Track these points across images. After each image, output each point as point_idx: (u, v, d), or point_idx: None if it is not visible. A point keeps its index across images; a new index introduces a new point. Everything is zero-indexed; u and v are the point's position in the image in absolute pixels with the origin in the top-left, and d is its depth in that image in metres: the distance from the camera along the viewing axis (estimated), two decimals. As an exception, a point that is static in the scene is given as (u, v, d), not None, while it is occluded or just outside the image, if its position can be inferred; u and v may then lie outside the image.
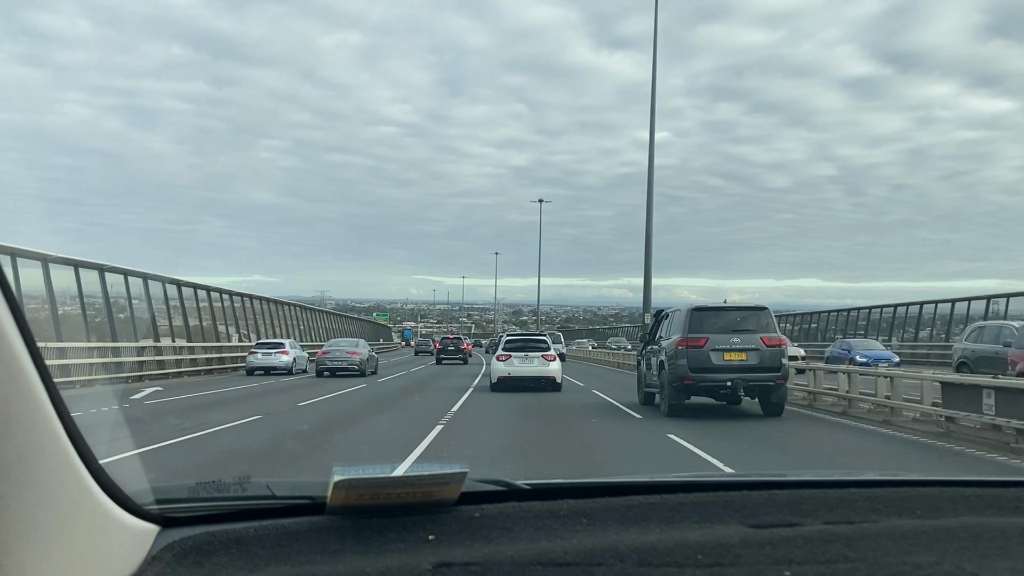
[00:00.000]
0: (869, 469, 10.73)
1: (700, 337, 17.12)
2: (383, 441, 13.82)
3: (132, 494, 1.55)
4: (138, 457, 10.20)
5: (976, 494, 1.85)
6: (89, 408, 12.33)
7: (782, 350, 17.38)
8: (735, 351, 17.04)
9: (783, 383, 17.50)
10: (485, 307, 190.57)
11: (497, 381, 24.66)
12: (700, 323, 17.38)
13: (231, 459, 11.24)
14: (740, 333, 17.26)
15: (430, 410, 18.52)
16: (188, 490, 1.74)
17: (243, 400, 21.71)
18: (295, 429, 14.90)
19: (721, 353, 17.02)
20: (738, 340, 17.14)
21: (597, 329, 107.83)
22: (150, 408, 18.97)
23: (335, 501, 1.56)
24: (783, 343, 17.70)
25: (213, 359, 38.87)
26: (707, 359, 17.00)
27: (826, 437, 14.52)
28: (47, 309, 26.58)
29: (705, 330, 17.26)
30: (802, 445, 13.62)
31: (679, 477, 1.98)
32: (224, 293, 44.53)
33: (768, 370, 17.05)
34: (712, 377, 17.01)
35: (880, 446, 13.31)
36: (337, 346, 36.79)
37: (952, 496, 1.84)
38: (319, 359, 35.52)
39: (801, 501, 1.77)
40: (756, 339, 17.17)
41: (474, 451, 12.22)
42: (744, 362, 17.02)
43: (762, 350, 17.07)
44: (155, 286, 34.46)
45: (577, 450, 12.62)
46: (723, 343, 17.07)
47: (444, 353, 53.80)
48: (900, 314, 48.35)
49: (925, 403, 15.76)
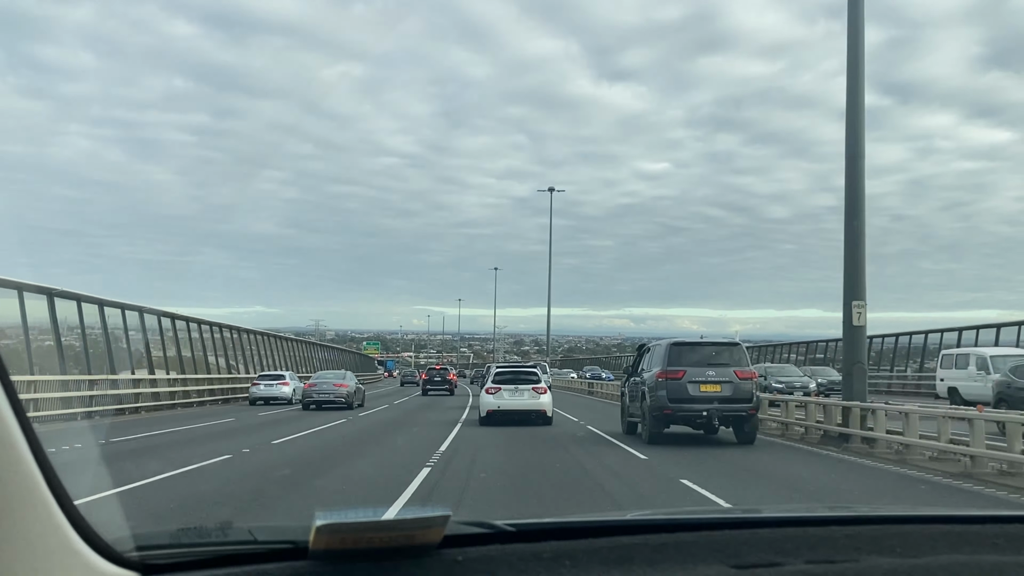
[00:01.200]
0: (850, 503, 10.75)
1: (678, 370, 18.58)
2: (368, 486, 13.49)
3: (111, 541, 1.54)
4: (117, 498, 10.07)
5: (955, 531, 1.87)
6: (63, 445, 12.19)
7: (753, 382, 19.04)
8: (710, 383, 18.47)
9: (755, 413, 19.12)
10: (486, 337, 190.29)
11: (486, 415, 24.22)
12: (678, 357, 18.88)
13: (198, 505, 11.09)
14: (715, 367, 18.73)
15: (420, 446, 18.40)
16: (169, 536, 1.73)
17: (211, 440, 21.48)
18: (271, 476, 14.25)
19: (698, 385, 18.44)
20: (713, 373, 18.59)
21: (601, 359, 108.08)
22: (121, 447, 18.75)
23: (317, 545, 1.56)
24: (754, 376, 19.37)
25: (204, 391, 38.99)
26: (685, 390, 18.39)
27: (786, 459, 16.47)
28: (20, 339, 26.37)
29: (683, 363, 18.75)
30: (768, 469, 15.15)
31: (662, 516, 1.99)
32: (206, 324, 44.31)
33: (741, 401, 18.54)
34: (689, 407, 18.40)
35: (825, 467, 15.46)
36: (324, 378, 36.61)
37: (932, 533, 1.86)
38: (305, 391, 35.47)
39: (783, 540, 1.79)
40: (730, 372, 18.65)
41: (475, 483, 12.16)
42: (719, 393, 18.45)
43: (735, 382, 18.54)
44: (132, 316, 34.28)
45: (568, 483, 12.96)
46: (699, 376, 18.50)
47: (431, 384, 53.79)
48: (901, 343, 48.06)
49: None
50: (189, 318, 41.55)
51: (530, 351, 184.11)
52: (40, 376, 25.43)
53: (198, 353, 41.99)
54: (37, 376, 25.30)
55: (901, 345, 48.14)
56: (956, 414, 16.10)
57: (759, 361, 53.09)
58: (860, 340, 19.89)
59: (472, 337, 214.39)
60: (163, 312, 37.24)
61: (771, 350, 61.47)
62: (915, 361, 45.21)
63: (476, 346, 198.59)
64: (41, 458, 1.38)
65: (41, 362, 26.78)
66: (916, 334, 46.33)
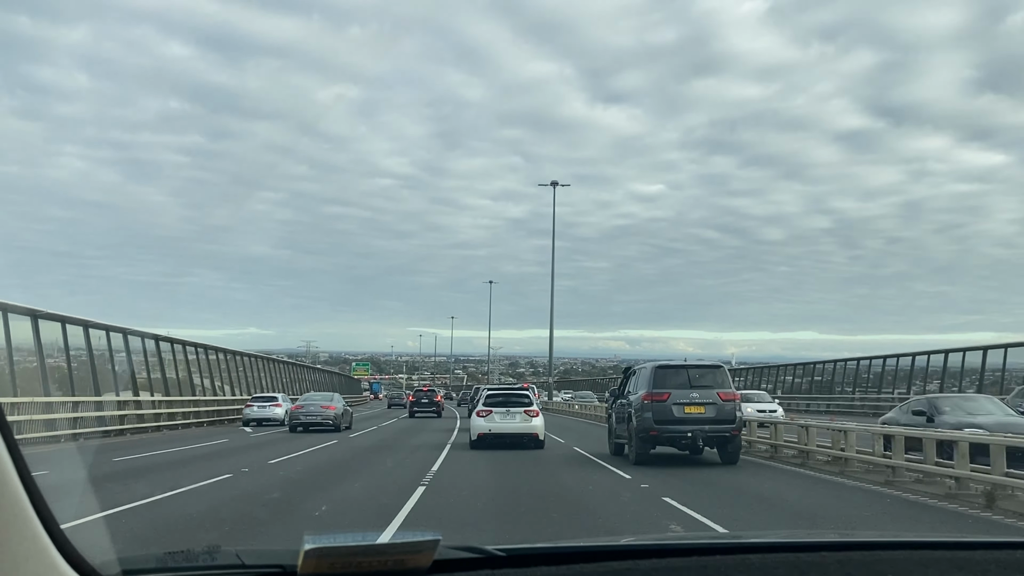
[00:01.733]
0: (837, 528, 10.75)
1: (663, 392, 18.99)
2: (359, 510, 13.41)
3: (98, 565, 1.53)
4: (103, 521, 9.96)
5: (946, 557, 1.87)
6: (45, 468, 12.12)
7: (736, 404, 19.29)
8: (694, 405, 18.87)
9: (737, 434, 19.37)
10: (480, 359, 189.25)
11: (477, 438, 23.74)
12: (663, 379, 19.33)
13: (187, 528, 10.98)
14: (699, 388, 19.12)
15: (411, 468, 18.30)
16: (156, 560, 1.72)
17: (198, 461, 21.32)
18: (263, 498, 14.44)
19: (682, 407, 18.85)
20: (697, 395, 18.99)
21: (597, 381, 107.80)
22: (115, 467, 18.59)
23: (306, 570, 1.55)
24: (736, 398, 19.58)
25: (190, 413, 38.88)
26: (670, 412, 18.81)
27: (766, 478, 17.03)
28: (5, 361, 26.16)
29: (668, 386, 19.15)
30: (750, 487, 15.59)
31: (653, 541, 1.99)
32: (191, 346, 44.10)
33: (724, 422, 18.90)
34: (674, 429, 18.83)
35: (800, 484, 16.24)
36: (311, 400, 36.25)
37: (922, 559, 1.86)
38: (292, 413, 35.11)
39: (774, 565, 1.78)
40: (713, 394, 19.03)
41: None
42: (703, 415, 18.85)
43: (718, 404, 18.92)
44: (117, 338, 34.11)
45: (556, 505, 13.00)
46: (684, 398, 18.92)
47: (418, 406, 53.07)
48: (890, 365, 47.48)
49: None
50: (175, 339, 41.41)
51: (525, 373, 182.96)
52: (24, 398, 25.20)
53: (183, 375, 41.84)
54: (21, 398, 25.08)
55: (893, 367, 47.39)
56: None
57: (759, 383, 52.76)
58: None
59: (467, 359, 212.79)
60: (148, 334, 37.06)
61: (771, 372, 60.99)
62: (919, 382, 43.86)
63: (471, 368, 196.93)
64: (27, 480, 1.37)
65: (25, 384, 26.55)
66: (904, 356, 46.17)
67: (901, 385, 45.82)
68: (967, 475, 13.52)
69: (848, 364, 52.29)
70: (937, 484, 14.62)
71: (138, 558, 1.72)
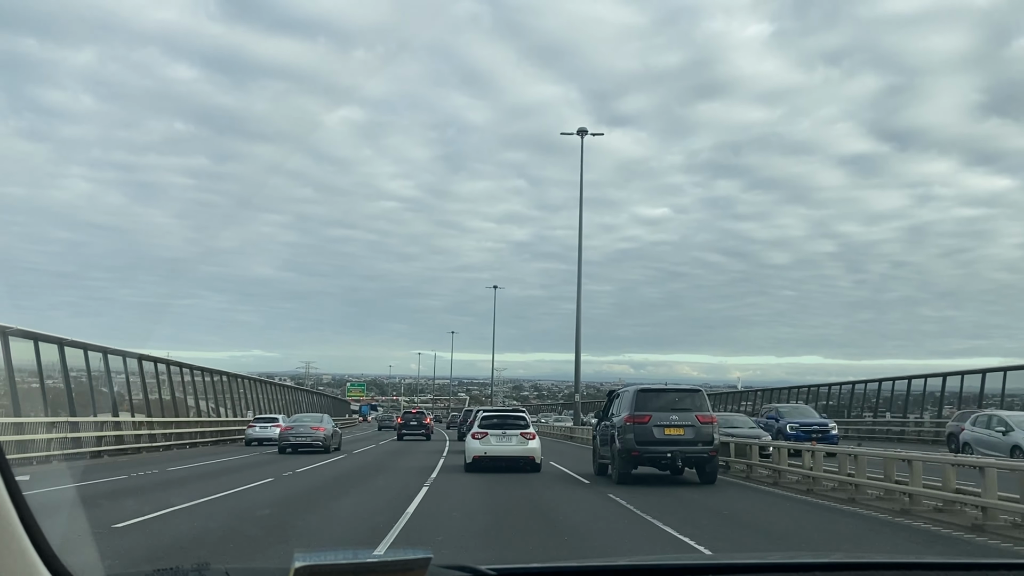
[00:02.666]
0: (832, 550, 10.72)
1: (645, 415, 19.54)
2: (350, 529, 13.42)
3: None
4: (93, 541, 9.84)
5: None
6: (44, 487, 11.96)
7: (714, 426, 19.92)
8: (674, 427, 19.46)
9: (715, 455, 19.97)
10: (483, 382, 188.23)
11: (472, 461, 23.17)
12: (645, 402, 19.92)
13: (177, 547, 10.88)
14: (678, 411, 19.72)
15: (401, 486, 18.19)
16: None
17: (191, 481, 21.14)
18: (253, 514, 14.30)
19: (662, 428, 19.43)
20: (676, 417, 19.58)
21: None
22: (102, 488, 18.44)
23: None
24: (714, 420, 20.23)
25: (185, 433, 38.95)
26: (651, 434, 19.36)
27: (739, 498, 17.39)
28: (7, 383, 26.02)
29: (649, 408, 19.74)
30: (720, 505, 16.11)
31: (643, 561, 1.96)
32: (187, 368, 44.00)
33: (702, 443, 19.50)
34: (655, 449, 19.42)
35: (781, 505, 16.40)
36: (301, 421, 36.07)
37: None
38: (282, 434, 34.92)
39: None
40: (692, 417, 19.59)
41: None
42: (682, 436, 19.45)
43: (697, 426, 19.48)
44: (116, 360, 33.98)
45: (541, 522, 13.40)
46: (664, 420, 19.51)
47: (406, 428, 51.08)
48: (892, 388, 45.60)
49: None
50: (170, 361, 41.49)
51: (530, 396, 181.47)
52: (24, 418, 25.08)
53: (179, 396, 41.97)
54: (22, 418, 25.00)
55: (902, 390, 44.76)
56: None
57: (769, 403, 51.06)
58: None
59: (470, 381, 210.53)
60: (145, 356, 36.99)
61: (778, 393, 58.12)
62: (930, 406, 41.87)
63: (474, 391, 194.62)
64: (16, 495, 1.35)
65: (22, 404, 26.38)
66: (900, 379, 44.63)
67: (914, 409, 43.75)
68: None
69: (856, 387, 49.69)
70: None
71: (126, 575, 1.69)
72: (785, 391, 58.33)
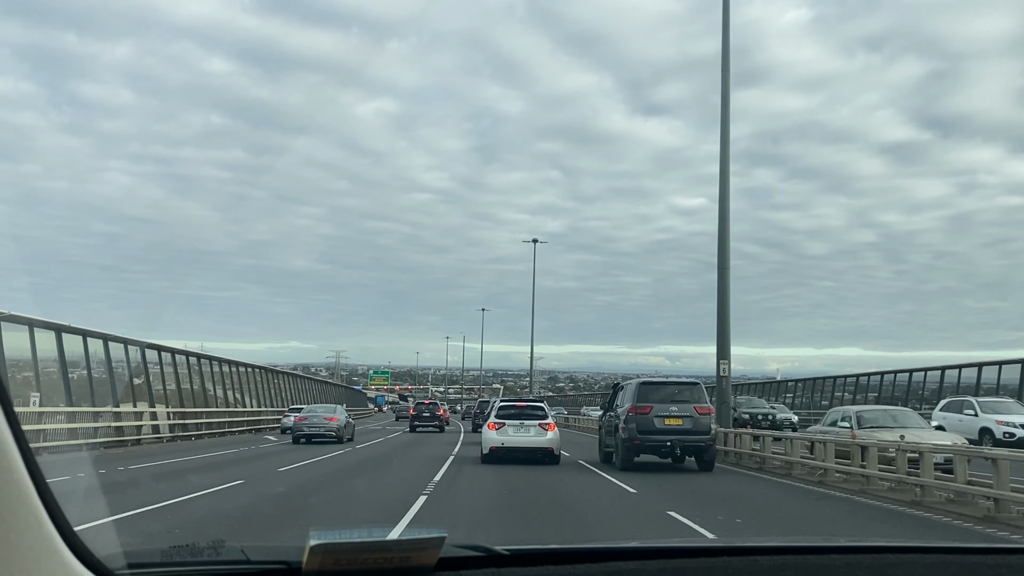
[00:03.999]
0: (845, 535, 10.70)
1: (646, 406, 20.45)
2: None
3: (103, 558, 1.49)
4: (112, 521, 9.90)
5: (956, 561, 1.82)
6: (64, 473, 12.03)
7: (711, 417, 20.90)
8: (674, 417, 20.33)
9: (712, 444, 20.84)
10: (519, 373, 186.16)
11: (489, 452, 22.32)
12: (646, 394, 20.91)
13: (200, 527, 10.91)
14: (678, 403, 20.57)
15: (415, 476, 18.16)
16: (160, 554, 1.69)
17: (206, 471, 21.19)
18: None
19: (663, 419, 20.31)
20: (676, 408, 20.47)
21: None
22: (131, 473, 18.54)
23: (311, 566, 1.51)
24: (711, 411, 21.17)
25: (201, 424, 39.01)
26: (652, 424, 20.27)
27: (731, 483, 18.34)
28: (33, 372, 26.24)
29: (650, 400, 20.62)
30: (713, 489, 17.15)
31: (659, 543, 1.94)
32: (205, 358, 44.15)
33: (700, 433, 20.38)
34: (655, 438, 20.31)
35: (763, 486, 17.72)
36: (314, 412, 35.92)
37: (932, 563, 1.80)
38: (295, 425, 34.77)
39: (782, 568, 1.74)
40: (690, 408, 20.47)
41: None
42: (681, 426, 20.33)
43: (695, 417, 20.36)
44: (137, 351, 34.19)
45: (549, 503, 14.39)
46: (664, 411, 20.40)
47: (419, 420, 49.11)
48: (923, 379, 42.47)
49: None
50: (190, 352, 41.54)
51: (565, 388, 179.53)
52: (46, 408, 25.29)
53: (211, 388, 42.87)
54: (45, 408, 25.18)
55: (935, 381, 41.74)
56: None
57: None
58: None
59: (505, 373, 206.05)
60: (158, 346, 37.05)
61: (820, 384, 54.31)
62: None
63: (509, 382, 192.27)
64: (35, 474, 1.35)
65: (45, 393, 26.60)
66: (932, 370, 41.88)
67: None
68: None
69: (898, 377, 45.69)
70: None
71: (143, 551, 1.69)
72: (830, 381, 53.87)
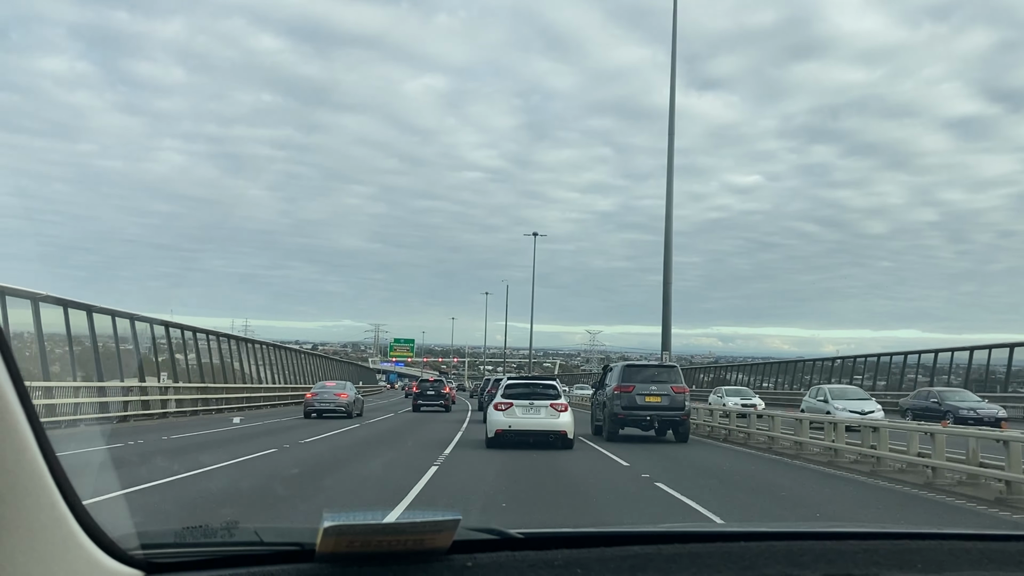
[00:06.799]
0: (865, 520, 10.66)
1: (629, 385, 23.30)
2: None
3: (116, 538, 1.49)
4: (124, 499, 9.89)
5: (978, 548, 1.79)
6: (77, 448, 12.01)
7: (686, 396, 23.68)
8: (653, 395, 23.12)
9: (686, 419, 23.69)
10: (570, 352, 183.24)
11: (495, 435, 20.19)
12: (630, 375, 23.78)
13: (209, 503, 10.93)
14: (657, 383, 23.40)
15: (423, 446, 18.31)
16: (174, 535, 1.67)
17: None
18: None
19: (643, 396, 23.09)
20: (655, 388, 23.24)
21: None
22: (141, 448, 18.63)
23: (324, 548, 1.49)
24: (686, 391, 23.92)
25: (222, 399, 40.04)
26: (634, 400, 23.09)
27: (704, 453, 20.59)
28: (38, 347, 26.33)
29: (633, 380, 23.47)
30: (683, 456, 19.64)
31: (675, 528, 1.92)
32: (223, 336, 44.31)
33: (675, 409, 23.27)
34: (637, 413, 23.20)
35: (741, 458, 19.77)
36: (324, 388, 37.59)
37: (953, 550, 1.78)
38: (307, 401, 36.21)
39: (799, 553, 1.72)
40: (668, 388, 23.30)
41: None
42: (659, 403, 23.14)
43: (671, 395, 23.23)
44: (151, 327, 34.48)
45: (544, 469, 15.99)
46: (645, 390, 23.18)
47: (422, 398, 45.41)
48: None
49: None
50: (201, 329, 41.85)
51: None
52: (55, 383, 25.42)
53: (214, 362, 43.08)
54: (54, 382, 25.37)
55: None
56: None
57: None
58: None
59: (556, 353, 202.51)
60: (167, 322, 37.40)
61: (874, 363, 50.74)
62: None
63: (561, 360, 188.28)
64: (49, 455, 1.34)
65: (53, 368, 26.75)
66: (960, 350, 40.61)
67: (1012, 383, 38.46)
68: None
69: (954, 356, 43.43)
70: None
71: (156, 533, 1.67)
72: (884, 359, 50.47)
